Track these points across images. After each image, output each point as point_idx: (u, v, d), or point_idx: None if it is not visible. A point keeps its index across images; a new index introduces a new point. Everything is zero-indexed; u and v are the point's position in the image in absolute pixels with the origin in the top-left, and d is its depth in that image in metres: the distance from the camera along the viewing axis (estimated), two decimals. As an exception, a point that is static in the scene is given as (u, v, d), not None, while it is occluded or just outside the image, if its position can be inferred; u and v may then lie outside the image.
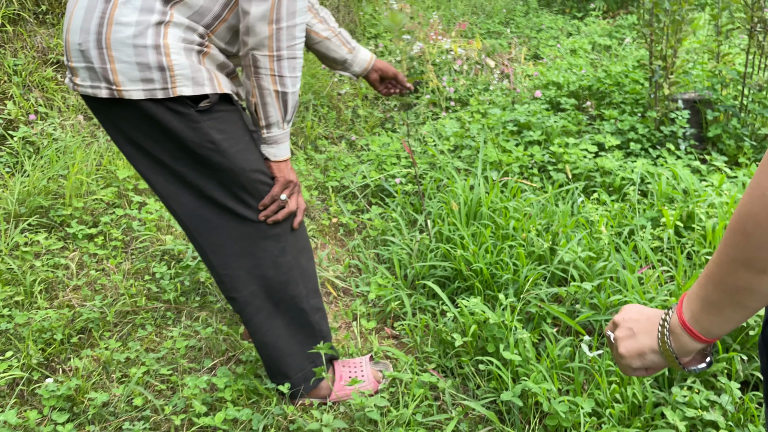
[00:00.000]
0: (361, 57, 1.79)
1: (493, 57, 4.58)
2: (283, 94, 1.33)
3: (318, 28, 1.71)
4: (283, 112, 1.36)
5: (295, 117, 1.35)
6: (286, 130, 1.40)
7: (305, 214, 1.79)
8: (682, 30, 2.61)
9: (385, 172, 2.87)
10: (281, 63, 1.30)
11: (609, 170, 2.62)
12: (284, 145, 1.42)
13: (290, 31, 1.28)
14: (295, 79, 1.34)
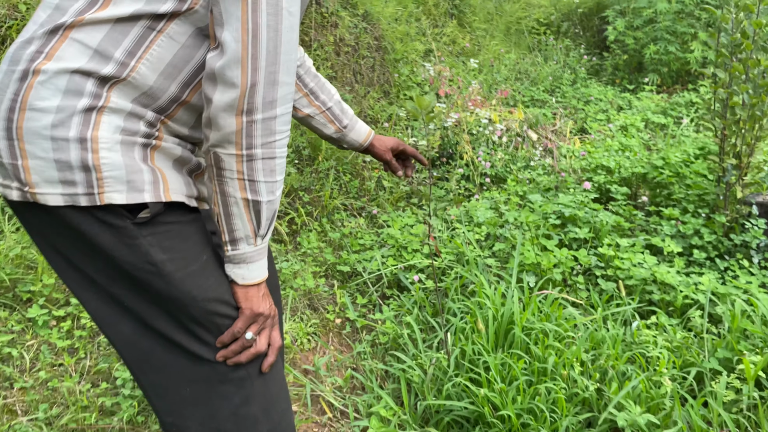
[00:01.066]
0: (352, 137, 1.53)
1: (536, 129, 4.24)
2: (254, 204, 1.00)
3: (300, 103, 1.43)
4: (255, 224, 1.03)
5: (272, 230, 0.99)
6: (260, 246, 1.06)
7: (283, 353, 1.44)
8: (763, 127, 2.22)
9: (404, 261, 2.51)
10: (253, 164, 0.97)
11: (669, 284, 2.20)
12: (256, 265, 1.07)
13: (267, 124, 0.96)
14: (272, 185, 1.01)
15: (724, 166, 2.37)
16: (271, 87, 0.95)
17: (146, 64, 0.97)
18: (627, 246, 2.40)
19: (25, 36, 0.98)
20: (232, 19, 0.92)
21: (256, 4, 0.92)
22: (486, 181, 3.42)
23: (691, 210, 2.64)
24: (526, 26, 7.05)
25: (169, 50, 0.98)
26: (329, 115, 1.47)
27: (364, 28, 4.28)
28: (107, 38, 0.95)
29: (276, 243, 2.80)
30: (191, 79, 1.01)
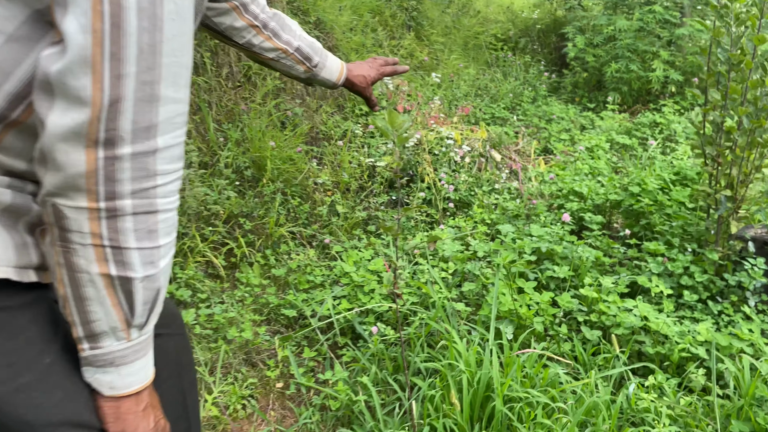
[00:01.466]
0: (324, 75, 1.34)
1: (499, 149, 3.97)
2: (122, 282, 0.66)
3: (261, 47, 1.22)
4: (126, 310, 0.68)
5: (157, 314, 0.62)
6: (137, 340, 0.71)
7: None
8: (764, 154, 1.98)
9: (360, 304, 2.16)
10: (118, 224, 0.64)
11: (663, 334, 1.93)
12: (133, 368, 0.72)
13: (141, 162, 0.63)
14: (152, 253, 0.67)
15: (717, 198, 2.12)
16: (146, 105, 0.60)
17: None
18: (611, 287, 2.12)
19: None
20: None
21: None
22: (449, 206, 3.11)
23: (677, 244, 2.39)
24: (483, 41, 6.85)
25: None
26: (297, 56, 1.27)
27: (317, 37, 3.94)
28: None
29: (211, 279, 2.41)
30: (25, 89, 0.64)
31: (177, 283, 2.28)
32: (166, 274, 0.70)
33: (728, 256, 2.22)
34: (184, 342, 1.13)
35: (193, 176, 2.66)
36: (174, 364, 1.09)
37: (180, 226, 2.47)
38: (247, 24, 1.21)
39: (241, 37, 1.20)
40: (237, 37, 1.20)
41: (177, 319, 1.12)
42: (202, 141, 3.00)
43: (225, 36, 1.20)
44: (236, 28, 1.19)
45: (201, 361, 1.91)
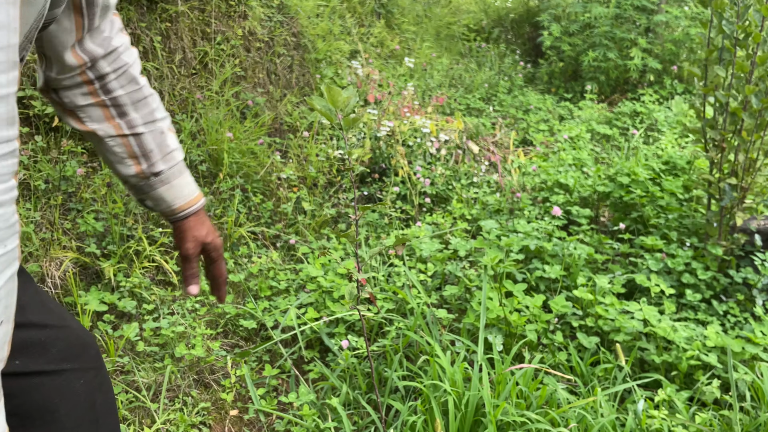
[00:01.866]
0: (162, 193, 0.89)
1: (477, 140, 3.76)
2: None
3: (90, 113, 0.83)
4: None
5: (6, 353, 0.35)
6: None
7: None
8: (774, 139, 1.79)
9: (328, 312, 1.91)
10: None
11: (668, 340, 1.72)
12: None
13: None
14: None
15: (720, 186, 1.92)
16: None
17: None
18: (606, 287, 1.91)
19: None
20: None
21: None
22: (426, 202, 2.88)
23: (675, 239, 2.19)
24: (456, 31, 6.64)
25: None
26: (133, 145, 0.85)
27: (280, 22, 3.67)
28: None
29: (161, 287, 2.14)
30: None
31: (120, 293, 2.00)
32: (2, 302, 0.45)
33: (731, 251, 2.03)
34: (100, 378, 0.87)
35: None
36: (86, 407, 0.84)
37: (125, 228, 2.19)
38: (77, 64, 0.79)
39: (58, 82, 0.80)
40: (52, 81, 0.80)
41: (89, 349, 0.87)
42: (152, 133, 2.71)
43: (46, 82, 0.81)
44: (67, 65, 0.78)
45: (143, 385, 1.64)
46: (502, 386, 1.41)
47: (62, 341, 0.83)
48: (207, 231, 0.93)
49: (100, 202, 2.24)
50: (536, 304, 1.73)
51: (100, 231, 2.13)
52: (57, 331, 0.83)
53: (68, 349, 0.83)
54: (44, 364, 0.81)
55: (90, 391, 0.86)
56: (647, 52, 5.23)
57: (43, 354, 0.80)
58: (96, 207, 2.21)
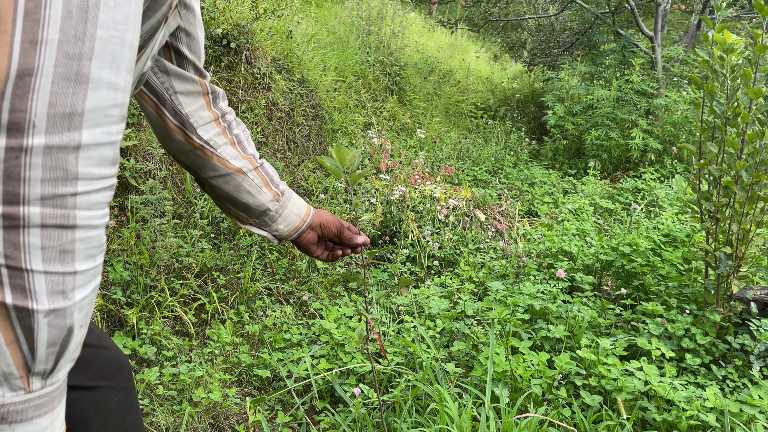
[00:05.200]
0: (292, 209, 1.03)
1: (483, 209, 3.90)
2: (21, 314, 0.50)
3: (225, 153, 0.94)
4: (27, 353, 0.52)
5: (68, 363, 0.45)
6: (39, 392, 0.54)
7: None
8: (765, 210, 1.91)
9: (340, 364, 1.99)
10: (23, 237, 0.49)
11: (668, 400, 1.78)
12: (33, 427, 0.55)
13: (58, 158, 0.49)
14: (65, 280, 0.51)
15: (717, 255, 2.03)
16: (69, 85, 0.47)
17: None
18: (609, 348, 1.98)
19: None
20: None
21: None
22: (434, 264, 2.99)
23: (674, 305, 2.28)
24: (464, 109, 6.94)
25: None
26: (263, 174, 0.99)
27: (300, 94, 3.90)
28: None
29: (179, 336, 2.22)
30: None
31: (141, 339, 2.08)
32: (84, 309, 0.55)
33: (729, 318, 2.11)
34: (131, 398, 0.96)
35: (166, 226, 2.51)
36: (117, 423, 0.92)
37: (148, 279, 2.30)
38: (213, 118, 0.95)
39: (205, 131, 0.93)
40: (200, 131, 0.93)
41: (123, 370, 0.95)
42: (177, 191, 2.87)
43: (183, 125, 0.93)
44: (201, 117, 0.93)
45: (162, 426, 1.71)
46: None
47: (101, 360, 0.92)
48: (322, 219, 1.07)
49: (127, 252, 2.36)
50: (541, 360, 1.80)
51: (126, 280, 2.23)
52: (97, 350, 0.92)
53: (106, 368, 0.92)
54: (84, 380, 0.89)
55: (122, 408, 0.94)
56: (648, 133, 5.46)
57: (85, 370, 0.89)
58: (123, 257, 2.32)
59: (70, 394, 0.85)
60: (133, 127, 2.74)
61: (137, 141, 2.71)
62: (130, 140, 2.66)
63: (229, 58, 3.41)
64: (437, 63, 7.54)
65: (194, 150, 0.94)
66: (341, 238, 1.10)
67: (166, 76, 0.90)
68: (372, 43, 5.94)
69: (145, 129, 2.79)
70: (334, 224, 1.07)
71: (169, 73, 0.90)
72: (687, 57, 5.58)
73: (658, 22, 5.94)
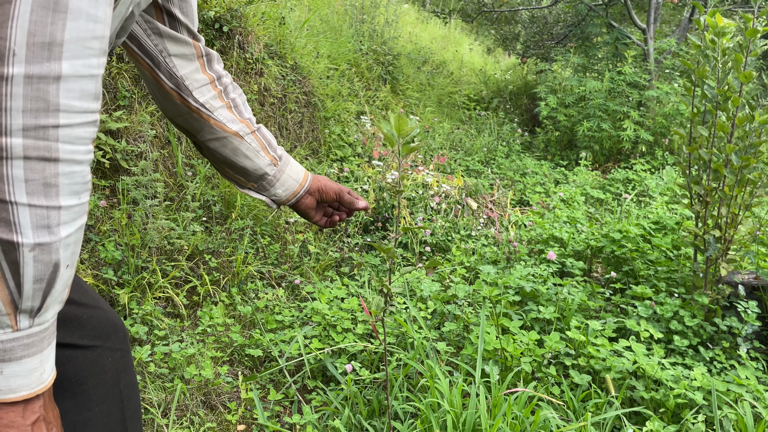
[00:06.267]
0: (290, 173, 1.03)
1: (476, 198, 3.91)
2: (6, 247, 0.51)
3: (221, 116, 0.94)
4: (14, 288, 0.52)
5: (56, 301, 0.44)
6: (27, 330, 0.55)
7: None
8: (753, 193, 1.94)
9: (332, 343, 2.00)
10: (5, 168, 0.49)
11: (657, 380, 1.80)
12: (21, 366, 0.55)
13: (39, 88, 0.49)
14: (49, 214, 0.52)
15: (705, 239, 2.05)
16: (48, 14, 0.47)
17: None
18: (598, 330, 2.00)
19: None
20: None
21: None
22: (426, 250, 3.00)
23: (663, 289, 2.30)
24: (457, 100, 6.95)
25: None
26: (261, 138, 1.00)
27: (293, 81, 3.89)
28: None
29: (170, 318, 2.22)
30: None
31: (132, 319, 2.08)
32: (71, 248, 0.55)
33: (717, 301, 2.13)
34: (126, 360, 0.96)
35: (157, 209, 2.50)
36: (111, 384, 0.92)
37: (140, 260, 2.30)
38: (209, 81, 0.95)
39: (200, 93, 0.94)
40: (196, 93, 0.94)
41: (118, 331, 0.95)
42: (169, 175, 2.86)
43: (178, 87, 0.93)
44: (197, 80, 0.94)
45: (154, 402, 1.71)
46: (497, 409, 1.49)
47: (96, 320, 0.91)
48: (320, 184, 1.07)
49: (119, 234, 2.35)
50: (531, 338, 1.82)
51: (118, 260, 2.23)
52: (92, 310, 0.91)
53: (100, 328, 0.92)
54: (78, 339, 0.89)
55: (117, 369, 0.94)
56: (639, 125, 5.48)
57: (79, 329, 0.89)
58: (114, 238, 2.32)
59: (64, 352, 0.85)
60: (124, 110, 2.73)
61: (128, 123, 2.69)
62: (121, 122, 2.65)
63: (221, 42, 3.39)
64: (431, 54, 7.54)
65: (190, 112, 0.94)
66: (341, 202, 1.10)
67: (159, 38, 0.90)
68: (365, 32, 5.93)
69: (136, 112, 2.78)
70: (333, 189, 1.08)
71: (163, 35, 0.90)
72: (679, 50, 5.61)
73: (651, 15, 5.96)
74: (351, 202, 1.10)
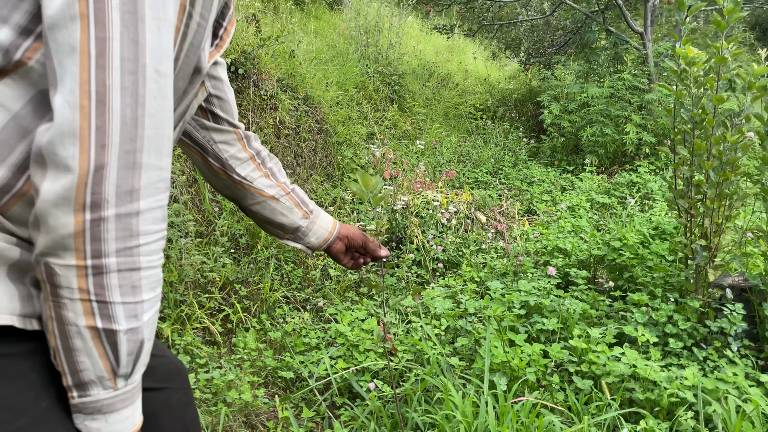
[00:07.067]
0: (320, 224, 1.24)
1: (484, 211, 4.11)
2: (107, 334, 0.71)
3: (260, 184, 1.16)
4: (112, 361, 0.73)
5: (142, 365, 0.70)
6: (123, 389, 0.76)
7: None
8: (732, 206, 2.12)
9: (356, 363, 2.20)
10: (104, 280, 0.70)
11: (652, 381, 1.99)
12: (121, 415, 0.77)
13: (125, 222, 0.70)
14: (135, 307, 0.72)
15: (693, 248, 2.23)
16: (128, 171, 0.68)
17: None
18: (599, 337, 2.19)
19: None
20: (66, 77, 0.66)
21: (102, 60, 0.66)
22: (438, 267, 3.20)
23: (659, 294, 2.48)
24: (463, 111, 7.14)
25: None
26: (295, 197, 1.21)
27: (305, 111, 4.12)
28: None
29: (208, 346, 2.44)
30: (26, 160, 0.72)
31: (176, 350, 2.31)
32: (150, 327, 0.75)
33: (709, 304, 2.31)
34: (188, 397, 1.17)
35: (190, 245, 2.73)
36: (178, 418, 1.13)
37: (178, 294, 2.53)
38: (249, 157, 1.16)
39: (242, 168, 1.15)
40: (239, 169, 1.14)
41: (181, 374, 1.16)
42: (197, 212, 3.10)
43: (223, 167, 1.14)
44: (239, 159, 1.14)
45: (202, 425, 1.93)
46: (504, 416, 1.68)
47: (164, 366, 1.13)
48: (347, 232, 1.28)
49: (156, 271, 2.58)
50: (535, 350, 2.01)
51: (158, 296, 2.46)
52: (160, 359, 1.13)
53: (168, 373, 1.14)
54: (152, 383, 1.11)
55: (182, 406, 1.15)
56: (642, 127, 5.64)
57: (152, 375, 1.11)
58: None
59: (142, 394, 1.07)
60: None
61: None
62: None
63: (237, 83, 3.63)
64: (435, 67, 7.75)
65: (234, 185, 1.16)
66: (366, 249, 1.32)
67: (206, 131, 1.13)
68: (371, 55, 6.16)
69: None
70: (359, 237, 1.30)
71: (208, 128, 1.13)
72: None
73: (648, 18, 6.12)
74: (374, 250, 1.32)
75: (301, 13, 7.47)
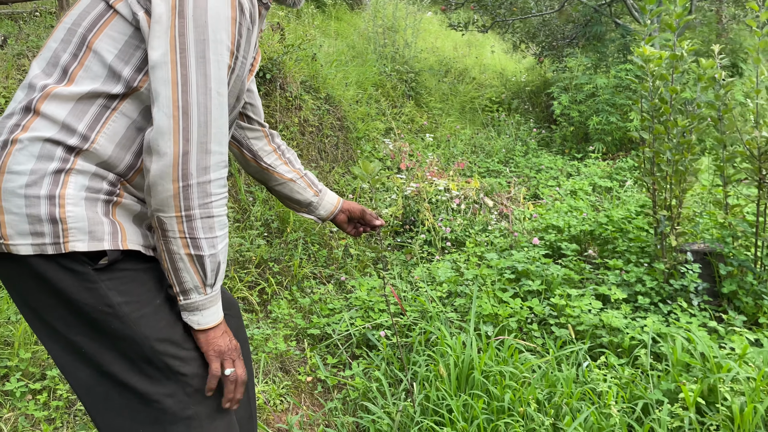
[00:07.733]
0: (327, 200, 1.66)
1: (492, 196, 4.50)
2: (198, 258, 1.13)
3: (282, 169, 1.59)
4: (202, 276, 1.15)
5: (221, 278, 1.13)
6: (210, 294, 1.18)
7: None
8: (686, 180, 2.48)
9: (371, 320, 2.64)
10: (193, 224, 1.12)
11: (616, 328, 2.37)
12: (210, 311, 1.19)
13: (203, 187, 1.11)
14: (213, 240, 1.15)
15: (657, 218, 2.60)
16: (203, 155, 1.10)
17: (104, 137, 1.12)
18: (577, 296, 2.58)
19: (7, 112, 1.15)
20: (160, 98, 1.08)
21: (186, 86, 1.08)
22: (447, 245, 3.61)
23: (634, 261, 2.86)
24: (479, 104, 7.50)
25: (123, 125, 1.14)
26: (307, 180, 1.63)
27: (327, 110, 4.56)
28: (72, 113, 1.11)
29: (247, 312, 2.90)
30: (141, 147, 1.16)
31: (221, 314, 2.77)
32: (224, 253, 1.18)
33: (674, 266, 2.68)
34: (240, 323, 1.61)
35: (230, 229, 3.20)
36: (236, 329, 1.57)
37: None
38: (272, 149, 1.58)
39: (268, 158, 1.56)
40: (266, 158, 1.55)
41: (234, 306, 1.61)
42: (234, 201, 3.56)
43: (254, 156, 1.54)
44: (266, 151, 1.56)
45: (245, 368, 2.39)
46: (486, 352, 2.10)
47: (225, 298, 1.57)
48: (348, 206, 1.69)
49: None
50: (517, 303, 2.42)
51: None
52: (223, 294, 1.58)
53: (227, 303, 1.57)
54: None
55: (236, 328, 1.57)
56: (646, 114, 5.94)
57: None
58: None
59: None
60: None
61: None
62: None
63: (265, 86, 4.09)
64: (453, 63, 8.12)
65: (262, 170, 1.60)
66: (364, 219, 1.74)
67: (242, 130, 1.57)
68: (388, 54, 6.57)
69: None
70: (358, 210, 1.72)
71: (243, 128, 1.57)
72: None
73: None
74: (370, 221, 1.74)
75: (323, 15, 7.92)
